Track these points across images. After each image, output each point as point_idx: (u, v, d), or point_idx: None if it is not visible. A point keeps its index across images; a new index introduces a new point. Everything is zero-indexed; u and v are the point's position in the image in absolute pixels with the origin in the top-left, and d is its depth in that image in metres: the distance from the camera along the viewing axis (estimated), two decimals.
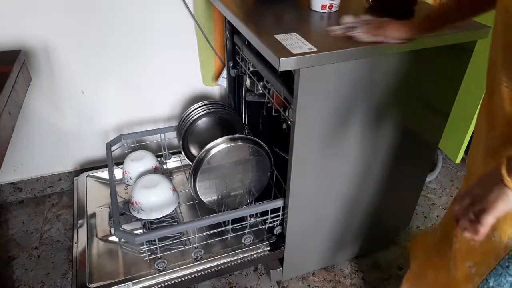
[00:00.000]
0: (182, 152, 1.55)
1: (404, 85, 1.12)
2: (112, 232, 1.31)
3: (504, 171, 0.60)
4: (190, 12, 1.58)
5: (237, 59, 1.49)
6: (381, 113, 1.16)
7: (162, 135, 1.60)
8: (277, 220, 1.30)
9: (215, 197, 1.33)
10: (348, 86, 1.07)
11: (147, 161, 1.47)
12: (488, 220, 0.61)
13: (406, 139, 1.25)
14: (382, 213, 1.42)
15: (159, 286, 1.20)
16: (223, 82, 1.69)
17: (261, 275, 1.48)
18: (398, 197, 1.41)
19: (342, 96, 1.08)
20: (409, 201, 1.50)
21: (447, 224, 0.93)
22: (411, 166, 1.37)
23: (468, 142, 1.84)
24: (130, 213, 1.30)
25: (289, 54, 0.92)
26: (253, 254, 1.31)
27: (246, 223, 1.30)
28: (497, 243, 0.71)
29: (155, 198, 1.26)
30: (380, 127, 1.20)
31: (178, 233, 1.28)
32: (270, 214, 1.27)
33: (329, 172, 1.22)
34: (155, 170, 1.47)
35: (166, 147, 1.63)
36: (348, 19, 1.04)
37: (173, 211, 1.32)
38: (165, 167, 1.64)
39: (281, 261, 1.35)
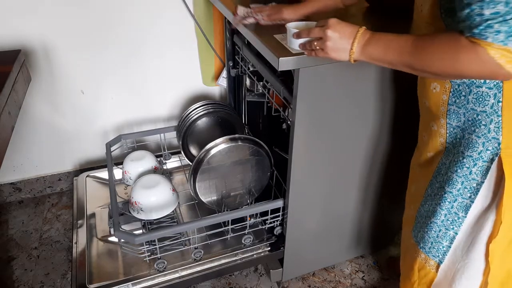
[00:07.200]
0: (182, 152, 1.54)
1: (404, 84, 1.12)
2: (112, 232, 1.30)
3: (358, 39, 0.80)
4: (190, 12, 1.58)
5: (237, 59, 1.49)
6: (381, 112, 1.16)
7: (162, 135, 1.60)
8: (277, 221, 1.30)
9: (215, 197, 1.33)
10: (348, 86, 1.07)
11: (147, 161, 1.46)
12: (320, 55, 0.85)
13: (407, 139, 1.25)
14: (382, 213, 1.42)
15: (159, 286, 1.20)
16: (223, 82, 1.68)
17: (261, 276, 1.47)
18: (399, 197, 1.40)
19: (342, 96, 1.08)
20: None
21: None
22: None
23: None
24: (130, 213, 1.30)
25: (288, 54, 0.92)
26: (253, 255, 1.31)
27: (246, 224, 1.29)
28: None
29: (154, 198, 1.26)
30: (380, 127, 1.19)
31: (178, 234, 1.28)
32: (270, 214, 1.27)
33: (329, 172, 1.22)
34: (154, 170, 1.47)
35: (166, 147, 1.62)
36: (242, 10, 1.10)
37: (173, 211, 1.32)
38: (164, 167, 1.63)
39: (281, 261, 1.35)
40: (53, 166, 1.77)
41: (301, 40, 0.88)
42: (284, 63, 0.92)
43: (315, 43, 0.84)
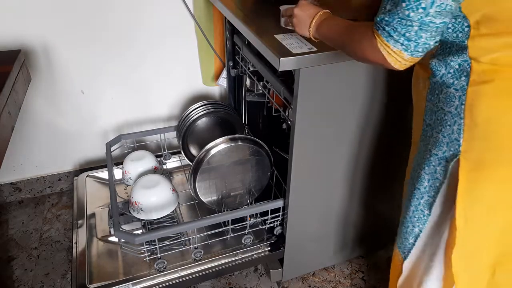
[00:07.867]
0: (182, 152, 1.54)
1: (405, 83, 1.12)
2: (112, 232, 1.30)
3: (316, 19, 0.88)
4: (190, 12, 1.58)
5: (237, 59, 1.49)
6: (381, 112, 1.16)
7: (162, 135, 1.60)
8: (277, 221, 1.30)
9: (215, 197, 1.33)
10: (348, 86, 1.07)
11: (147, 161, 1.46)
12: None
13: (407, 138, 1.25)
14: (382, 213, 1.42)
15: (159, 286, 1.20)
16: (223, 82, 1.68)
17: (261, 276, 1.47)
18: (399, 197, 1.41)
19: (342, 96, 1.08)
20: None
21: None
22: None
23: None
24: (130, 213, 1.30)
25: (289, 54, 0.92)
26: (253, 255, 1.31)
27: (246, 224, 1.29)
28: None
29: (154, 198, 1.26)
30: (380, 127, 1.20)
31: (178, 234, 1.28)
32: (270, 214, 1.27)
33: (329, 172, 1.22)
34: (154, 170, 1.47)
35: (166, 147, 1.62)
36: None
37: (173, 211, 1.32)
38: (165, 167, 1.63)
39: (281, 261, 1.35)
40: (53, 166, 1.77)
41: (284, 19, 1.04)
42: (285, 63, 0.92)
43: (288, 20, 1.00)
